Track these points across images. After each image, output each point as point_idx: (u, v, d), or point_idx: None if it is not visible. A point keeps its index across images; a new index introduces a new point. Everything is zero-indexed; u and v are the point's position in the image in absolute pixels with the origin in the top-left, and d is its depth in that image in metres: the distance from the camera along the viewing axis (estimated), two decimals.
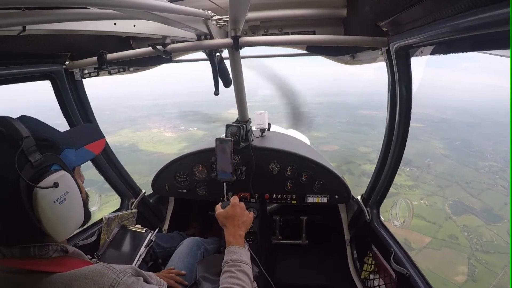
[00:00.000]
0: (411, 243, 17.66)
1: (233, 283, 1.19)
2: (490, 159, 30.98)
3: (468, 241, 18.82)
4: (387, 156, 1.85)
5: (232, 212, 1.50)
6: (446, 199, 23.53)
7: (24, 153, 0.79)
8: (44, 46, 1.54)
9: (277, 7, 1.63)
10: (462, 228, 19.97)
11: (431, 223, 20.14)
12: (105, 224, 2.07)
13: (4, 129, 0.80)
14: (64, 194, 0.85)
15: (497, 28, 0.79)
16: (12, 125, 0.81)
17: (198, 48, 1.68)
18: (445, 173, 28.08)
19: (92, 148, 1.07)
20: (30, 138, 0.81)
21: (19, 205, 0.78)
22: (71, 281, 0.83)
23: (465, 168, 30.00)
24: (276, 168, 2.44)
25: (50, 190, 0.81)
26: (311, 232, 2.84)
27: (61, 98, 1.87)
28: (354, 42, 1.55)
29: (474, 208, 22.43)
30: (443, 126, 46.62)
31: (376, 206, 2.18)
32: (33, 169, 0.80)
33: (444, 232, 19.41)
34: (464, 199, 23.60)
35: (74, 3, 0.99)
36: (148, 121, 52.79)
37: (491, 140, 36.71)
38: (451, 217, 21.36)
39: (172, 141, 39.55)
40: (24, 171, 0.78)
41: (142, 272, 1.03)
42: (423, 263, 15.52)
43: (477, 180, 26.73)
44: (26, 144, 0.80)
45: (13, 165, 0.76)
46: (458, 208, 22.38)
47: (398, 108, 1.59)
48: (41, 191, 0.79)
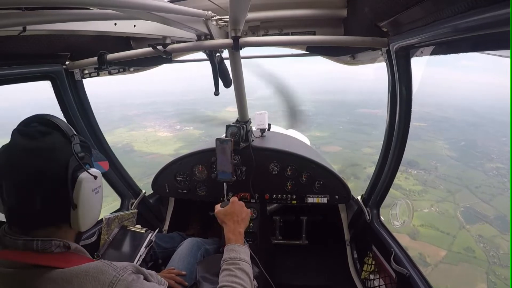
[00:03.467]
0: (426, 257, 16.79)
1: (231, 281, 1.19)
2: (496, 161, 30.10)
3: (484, 253, 17.59)
4: (387, 156, 1.85)
5: (231, 209, 1.52)
6: (458, 205, 22.46)
7: (72, 146, 0.93)
8: (44, 46, 1.55)
9: (277, 7, 1.63)
10: (477, 238, 18.82)
11: (444, 234, 19.08)
12: (105, 225, 2.06)
13: (56, 124, 0.94)
14: (98, 187, 0.99)
15: (497, 28, 0.79)
16: (62, 122, 0.96)
17: (198, 48, 1.68)
18: (453, 176, 27.07)
19: (102, 165, 1.19)
20: (77, 136, 0.97)
21: (63, 187, 0.88)
22: (71, 277, 0.84)
23: (473, 170, 29.02)
24: (276, 168, 2.44)
25: (91, 179, 0.94)
26: (311, 232, 2.84)
27: (61, 98, 1.87)
28: (354, 43, 1.55)
29: (487, 215, 21.19)
30: (446, 126, 45.59)
31: (376, 206, 2.17)
32: (77, 161, 0.93)
33: (459, 243, 18.30)
34: (476, 206, 22.47)
35: (74, 4, 0.99)
36: (143, 120, 51.70)
37: (495, 140, 35.86)
38: (465, 226, 20.16)
39: (168, 141, 38.56)
40: (72, 160, 0.91)
41: (142, 270, 1.03)
42: (441, 281, 14.78)
43: (486, 184, 25.65)
44: (75, 139, 0.95)
45: (64, 152, 0.91)
46: (471, 216, 21.18)
47: (398, 108, 1.58)
48: (85, 178, 0.92)
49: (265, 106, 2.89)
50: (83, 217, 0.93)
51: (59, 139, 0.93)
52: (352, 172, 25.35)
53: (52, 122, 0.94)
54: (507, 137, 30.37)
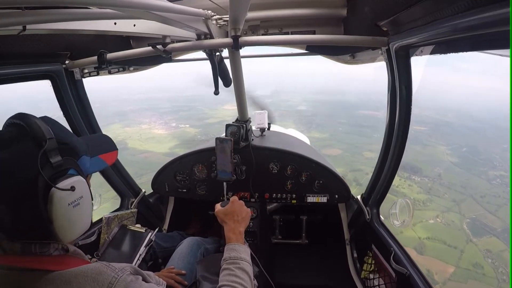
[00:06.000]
0: (434, 274, 16.22)
1: (231, 280, 1.19)
2: (500, 169, 29.58)
3: (493, 270, 17.13)
4: (387, 155, 1.86)
5: (231, 208, 1.52)
6: (463, 216, 22.03)
7: (46, 153, 0.82)
8: (44, 45, 1.54)
9: (277, 6, 1.63)
10: (485, 253, 18.29)
11: (452, 248, 18.59)
12: (105, 224, 2.07)
13: (28, 127, 0.83)
14: (79, 198, 0.88)
15: (497, 27, 0.79)
16: (37, 125, 0.83)
17: (198, 47, 1.68)
18: (457, 184, 26.45)
19: (106, 158, 1.10)
20: (53, 140, 0.84)
21: (34, 202, 0.80)
22: (70, 278, 0.84)
23: (477, 178, 28.42)
24: (276, 168, 2.44)
25: (66, 192, 0.83)
26: (311, 232, 2.84)
27: (61, 98, 1.88)
28: (354, 42, 1.55)
29: (494, 227, 20.65)
30: (447, 130, 45.07)
31: (376, 205, 2.18)
32: (52, 170, 0.83)
33: (467, 258, 17.75)
34: (482, 217, 22.01)
35: (74, 3, 0.99)
36: (138, 116, 50.61)
37: (497, 147, 35.22)
38: (472, 239, 19.63)
39: (162, 139, 37.79)
40: (44, 170, 0.80)
41: (141, 271, 1.03)
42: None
43: (491, 193, 25.10)
44: (49, 145, 0.82)
45: (34, 162, 0.78)
46: (477, 228, 20.66)
47: (398, 108, 1.59)
48: (58, 192, 0.82)
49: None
50: (63, 232, 0.86)
51: (28, 147, 0.81)
52: (354, 178, 24.79)
53: (22, 125, 0.83)
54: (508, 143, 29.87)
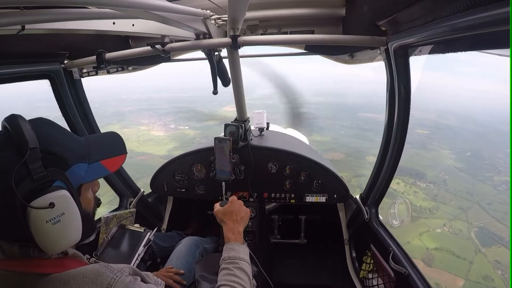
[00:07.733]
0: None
1: (230, 280, 1.20)
2: (504, 174, 28.66)
3: (504, 282, 16.25)
4: (385, 155, 1.86)
5: (230, 208, 1.52)
6: (471, 224, 21.06)
7: (26, 164, 0.75)
8: (42, 45, 1.54)
9: (275, 6, 1.63)
10: (494, 264, 17.42)
11: (460, 259, 17.77)
12: (104, 224, 2.06)
13: (14, 133, 0.78)
14: (60, 215, 0.81)
15: (497, 27, 0.79)
16: (21, 131, 0.77)
17: (197, 47, 1.68)
18: (463, 191, 25.51)
19: (108, 164, 0.99)
20: (36, 149, 0.77)
21: (13, 216, 0.76)
22: (69, 279, 0.84)
23: (482, 184, 27.57)
24: (275, 167, 2.44)
25: (44, 210, 0.77)
26: (310, 232, 2.84)
27: (60, 97, 1.87)
28: (352, 42, 1.55)
29: (502, 237, 19.64)
30: (449, 133, 43.81)
31: (375, 205, 2.18)
32: (32, 183, 0.77)
33: (477, 270, 16.91)
34: (490, 225, 21.04)
35: (73, 2, 0.98)
36: (137, 117, 49.25)
37: (501, 151, 34.12)
38: (480, 249, 18.72)
39: (161, 141, 36.98)
40: (22, 184, 0.75)
41: (139, 272, 1.03)
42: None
43: (498, 200, 24.16)
44: (30, 155, 0.76)
45: (9, 177, 0.73)
46: (486, 237, 19.70)
47: (397, 107, 1.59)
48: (33, 211, 0.76)
49: (265, 107, 2.88)
50: (46, 247, 0.83)
51: (9, 156, 0.76)
52: (358, 184, 23.77)
53: (9, 130, 0.79)
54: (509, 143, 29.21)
